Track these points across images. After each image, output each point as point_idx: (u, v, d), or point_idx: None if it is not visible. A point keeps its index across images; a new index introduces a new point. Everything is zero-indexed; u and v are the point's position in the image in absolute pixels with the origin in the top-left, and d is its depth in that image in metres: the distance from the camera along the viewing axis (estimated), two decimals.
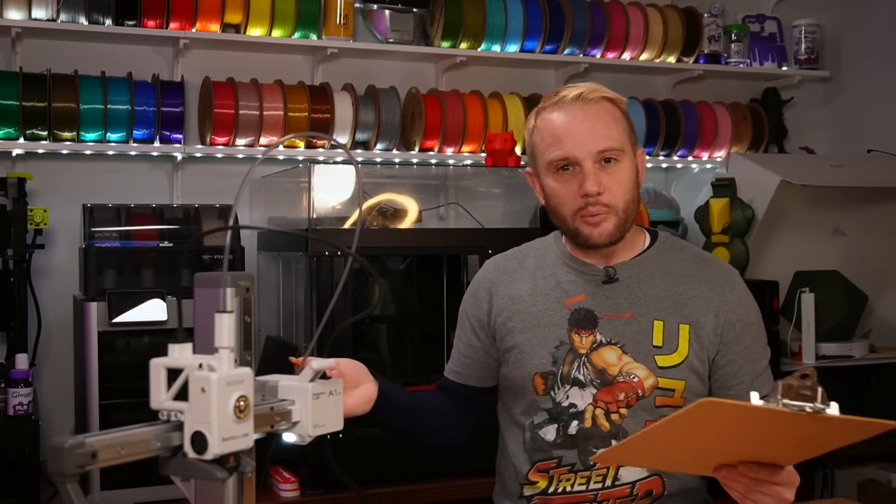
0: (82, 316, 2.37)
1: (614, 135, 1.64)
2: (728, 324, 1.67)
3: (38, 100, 2.65)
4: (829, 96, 3.85)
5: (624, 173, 1.65)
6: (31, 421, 2.32)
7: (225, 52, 3.01)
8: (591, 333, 1.67)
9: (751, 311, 1.71)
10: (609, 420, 1.64)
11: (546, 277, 1.74)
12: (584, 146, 1.62)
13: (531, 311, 1.71)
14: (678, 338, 1.65)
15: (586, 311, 1.68)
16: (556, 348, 1.68)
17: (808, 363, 3.05)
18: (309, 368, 1.14)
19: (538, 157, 1.69)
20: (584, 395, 1.65)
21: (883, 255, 3.39)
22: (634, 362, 1.64)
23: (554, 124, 1.65)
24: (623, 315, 1.67)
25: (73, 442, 0.91)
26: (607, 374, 1.65)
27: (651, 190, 3.33)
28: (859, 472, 3.18)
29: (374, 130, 3.03)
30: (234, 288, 1.09)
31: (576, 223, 1.65)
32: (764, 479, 1.38)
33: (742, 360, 1.68)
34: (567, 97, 1.65)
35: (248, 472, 1.05)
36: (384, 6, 3.09)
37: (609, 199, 1.63)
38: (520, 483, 1.72)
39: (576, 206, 1.64)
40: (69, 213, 2.74)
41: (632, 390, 1.63)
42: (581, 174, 1.62)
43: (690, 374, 1.65)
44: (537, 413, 1.70)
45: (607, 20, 3.30)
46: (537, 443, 1.69)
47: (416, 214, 2.80)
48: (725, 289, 1.69)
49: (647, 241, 1.75)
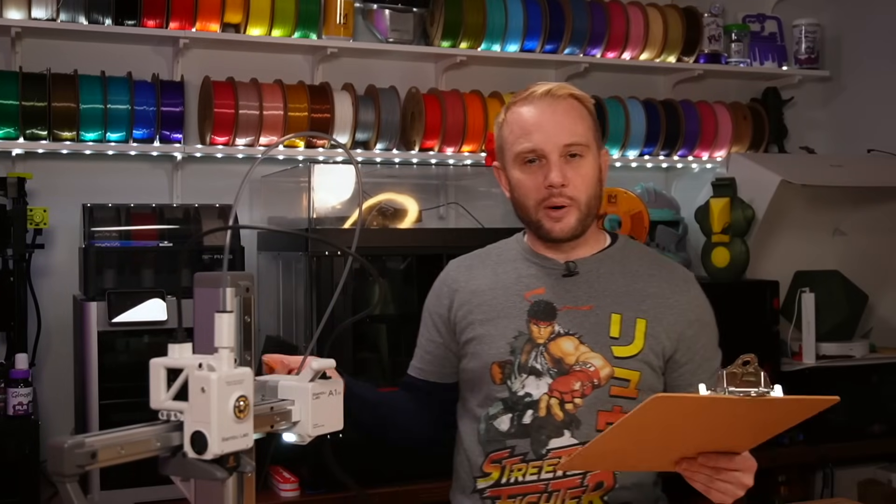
0: (82, 316, 2.37)
1: (580, 130, 1.70)
2: (687, 323, 1.73)
3: (38, 99, 2.65)
4: (829, 96, 3.85)
5: (588, 168, 1.71)
6: (31, 421, 2.32)
7: (225, 52, 3.01)
8: (549, 324, 1.71)
9: (707, 312, 1.78)
10: (563, 409, 1.68)
11: (507, 272, 1.79)
12: (551, 139, 1.68)
13: (491, 304, 1.76)
14: (635, 331, 1.70)
15: (545, 303, 1.73)
16: (515, 338, 1.72)
17: (808, 363, 3.05)
18: (309, 368, 1.14)
19: (506, 150, 1.75)
20: (540, 384, 1.69)
21: (883, 255, 3.39)
22: (591, 352, 1.69)
23: (523, 118, 1.72)
24: (581, 307, 1.72)
25: (72, 442, 0.91)
26: (564, 364, 1.69)
27: (651, 190, 3.33)
28: (859, 472, 3.18)
29: (374, 130, 3.02)
30: (233, 288, 1.09)
31: (538, 215, 1.71)
32: (723, 466, 1.45)
33: (700, 358, 1.74)
34: (536, 93, 1.72)
35: (248, 472, 1.05)
36: (384, 6, 3.08)
37: (572, 192, 1.69)
38: (474, 476, 1.75)
39: (540, 196, 1.70)
40: (69, 212, 2.74)
41: (588, 379, 1.67)
42: (547, 166, 1.69)
43: (645, 366, 1.69)
44: (493, 404, 1.72)
45: (607, 20, 3.30)
46: (491, 433, 1.72)
47: (416, 214, 2.80)
48: (683, 289, 1.76)
49: (608, 242, 1.82)
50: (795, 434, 3.03)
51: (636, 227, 2.98)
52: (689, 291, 1.77)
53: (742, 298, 3.02)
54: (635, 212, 2.99)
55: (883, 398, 3.14)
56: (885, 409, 3.14)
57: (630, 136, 3.33)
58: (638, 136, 3.35)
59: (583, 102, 1.74)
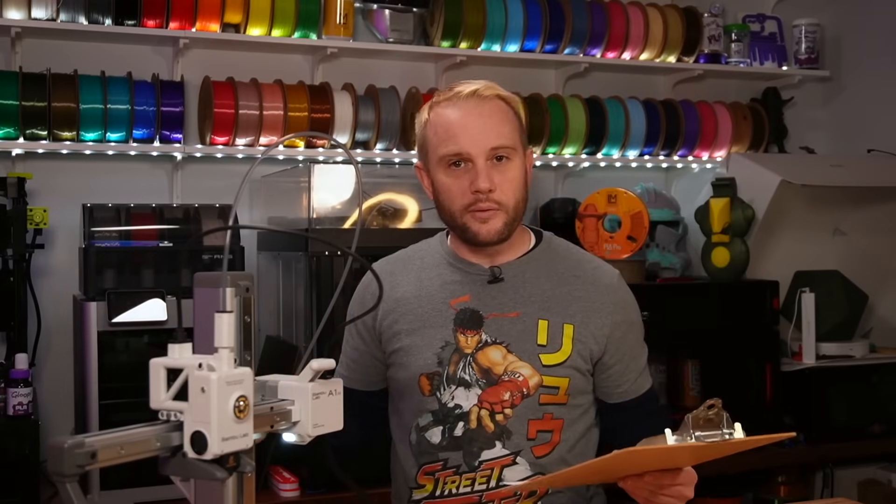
0: (82, 316, 2.37)
1: (507, 132, 1.65)
2: (614, 325, 1.71)
3: (38, 99, 2.65)
4: (829, 96, 3.85)
5: (515, 171, 1.67)
6: (31, 421, 2.32)
7: (225, 52, 3.01)
8: (476, 333, 1.68)
9: (633, 310, 1.77)
10: (494, 421, 1.65)
11: (431, 278, 1.74)
12: (477, 142, 1.63)
13: (417, 313, 1.71)
14: (562, 337, 1.68)
15: (472, 311, 1.69)
16: (442, 349, 1.68)
17: (808, 363, 3.05)
18: (308, 368, 1.14)
19: (430, 152, 1.69)
20: (470, 395, 1.66)
21: (883, 255, 3.39)
22: (519, 361, 1.66)
23: (448, 119, 1.65)
24: (508, 315, 1.68)
25: (72, 442, 0.90)
26: (493, 374, 1.66)
27: (651, 190, 3.33)
28: (859, 472, 3.18)
29: (374, 130, 3.02)
30: (233, 288, 1.09)
31: (464, 219, 1.66)
32: (667, 483, 1.47)
33: (628, 358, 1.73)
34: (462, 93, 1.66)
35: (248, 472, 1.05)
36: (384, 6, 3.08)
37: (500, 197, 1.64)
38: (409, 487, 1.72)
39: (466, 201, 1.65)
40: (69, 212, 2.74)
41: (517, 389, 1.65)
42: (473, 170, 1.63)
43: (574, 371, 1.67)
44: (423, 415, 1.70)
45: (607, 20, 3.30)
46: (423, 445, 1.70)
47: (416, 214, 2.80)
48: (609, 291, 1.73)
49: (532, 241, 1.77)
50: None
51: (636, 227, 2.98)
52: (616, 292, 1.74)
53: (742, 298, 3.02)
54: (635, 212, 2.99)
55: (883, 398, 3.14)
56: (885, 409, 3.14)
57: (630, 136, 3.34)
58: (638, 136, 3.35)
59: (509, 103, 1.69)
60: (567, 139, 3.25)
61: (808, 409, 3.06)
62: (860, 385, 3.13)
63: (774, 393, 2.97)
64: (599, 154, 3.35)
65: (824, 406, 3.07)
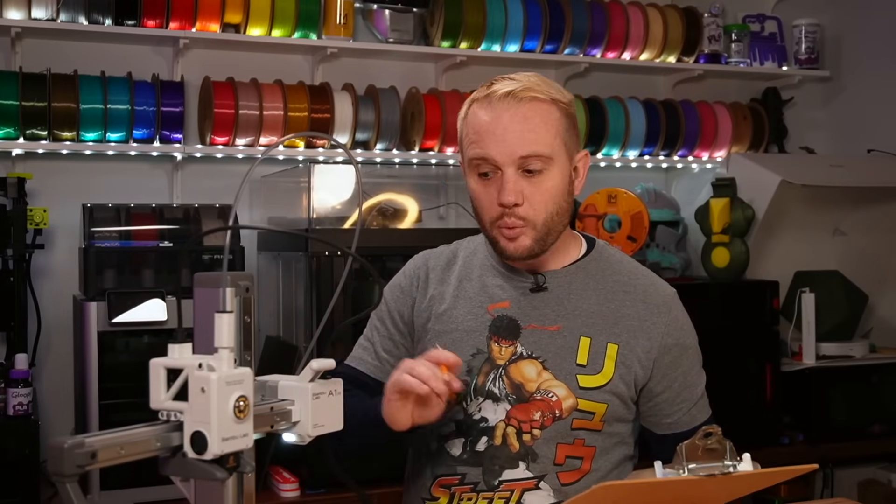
0: (82, 316, 2.37)
1: (542, 140, 1.50)
2: (664, 348, 1.57)
3: (38, 100, 2.65)
4: (829, 96, 3.85)
5: (550, 183, 1.51)
6: (31, 421, 2.32)
7: (225, 52, 3.01)
8: (511, 344, 1.56)
9: (688, 334, 1.62)
10: (520, 440, 1.54)
11: (472, 280, 1.63)
12: (504, 150, 1.49)
13: (452, 315, 1.61)
14: (604, 357, 1.55)
15: (509, 318, 1.57)
16: (473, 356, 1.57)
17: (808, 363, 3.05)
18: (308, 368, 1.14)
19: (463, 152, 1.57)
20: (498, 410, 1.55)
21: (883, 255, 3.39)
22: (554, 380, 1.54)
23: (479, 121, 1.52)
24: (548, 328, 1.56)
25: (72, 442, 0.90)
26: (524, 390, 1.54)
27: (651, 190, 3.33)
28: (859, 472, 3.18)
29: (374, 130, 3.02)
30: (233, 288, 1.09)
31: (493, 232, 1.54)
32: None
33: (679, 386, 1.59)
34: (497, 93, 1.51)
35: (248, 472, 1.05)
36: (384, 6, 3.08)
37: (526, 213, 1.50)
38: (421, 497, 1.62)
39: (494, 214, 1.52)
40: (69, 213, 2.74)
41: (549, 409, 1.53)
42: (500, 180, 1.50)
43: (613, 397, 1.55)
44: (445, 424, 1.58)
45: (607, 20, 3.30)
46: (442, 456, 1.59)
47: (416, 214, 2.80)
48: (662, 311, 1.59)
49: (583, 250, 1.64)
50: (795, 434, 3.03)
51: (636, 227, 2.98)
52: (670, 312, 1.59)
53: (742, 298, 3.02)
54: (635, 212, 2.99)
55: (883, 398, 3.14)
56: (885, 410, 3.14)
57: (630, 136, 3.34)
58: (638, 137, 3.35)
59: (554, 102, 1.53)
60: None
61: (808, 410, 3.06)
62: (860, 385, 3.13)
63: (774, 393, 2.97)
64: (599, 154, 3.35)
65: (824, 406, 3.07)
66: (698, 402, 1.62)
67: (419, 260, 1.70)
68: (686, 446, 1.23)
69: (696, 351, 1.64)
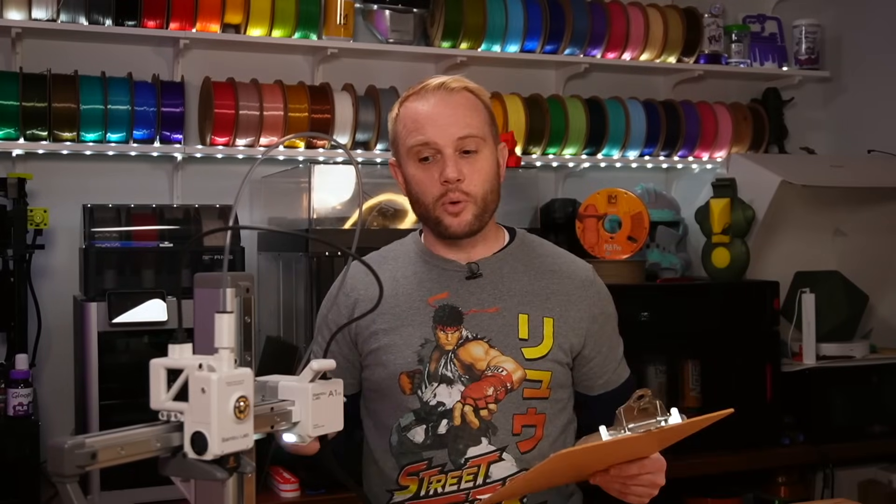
0: (82, 316, 2.37)
1: (474, 123, 1.67)
2: (592, 317, 1.73)
3: (38, 100, 2.65)
4: (829, 96, 3.85)
5: (484, 163, 1.67)
6: (31, 421, 2.32)
7: (225, 52, 3.01)
8: (456, 329, 1.67)
9: (609, 303, 1.79)
10: (478, 416, 1.65)
11: (407, 277, 1.74)
12: (444, 132, 1.64)
13: (394, 312, 1.70)
14: (543, 330, 1.69)
15: (450, 307, 1.69)
16: (422, 346, 1.67)
17: (808, 364, 3.05)
18: (309, 369, 1.14)
19: (400, 145, 1.70)
20: (452, 392, 1.66)
21: (883, 255, 3.39)
22: (502, 356, 1.66)
23: (416, 111, 1.67)
24: (488, 310, 1.68)
25: (72, 442, 0.90)
26: (475, 369, 1.66)
27: (651, 190, 3.33)
28: (860, 473, 3.18)
29: (375, 130, 3.02)
30: (234, 288, 1.09)
31: (437, 211, 1.67)
32: (634, 473, 1.49)
33: (607, 349, 1.76)
34: (430, 86, 1.68)
35: (248, 472, 1.05)
36: (384, 6, 3.08)
37: (468, 187, 1.65)
38: (388, 490, 1.70)
39: (437, 192, 1.65)
40: (69, 213, 2.74)
41: (500, 384, 1.65)
42: (441, 161, 1.64)
43: (555, 365, 1.69)
44: (404, 414, 1.68)
45: (608, 20, 3.30)
46: (405, 445, 1.68)
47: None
48: (586, 284, 1.76)
49: (507, 238, 1.78)
50: (796, 434, 3.03)
51: (636, 227, 2.98)
52: (593, 285, 1.76)
53: (742, 299, 3.02)
54: (635, 212, 2.99)
55: (883, 399, 3.14)
56: (885, 410, 3.13)
57: (630, 136, 3.34)
58: (638, 137, 3.35)
59: (478, 95, 1.71)
60: (567, 140, 3.25)
61: (808, 410, 3.06)
62: (861, 386, 3.12)
63: (775, 393, 2.96)
64: (600, 154, 3.35)
65: (825, 407, 3.07)
66: (621, 361, 1.81)
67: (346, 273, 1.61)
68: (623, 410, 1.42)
69: (615, 316, 1.81)
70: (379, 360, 1.70)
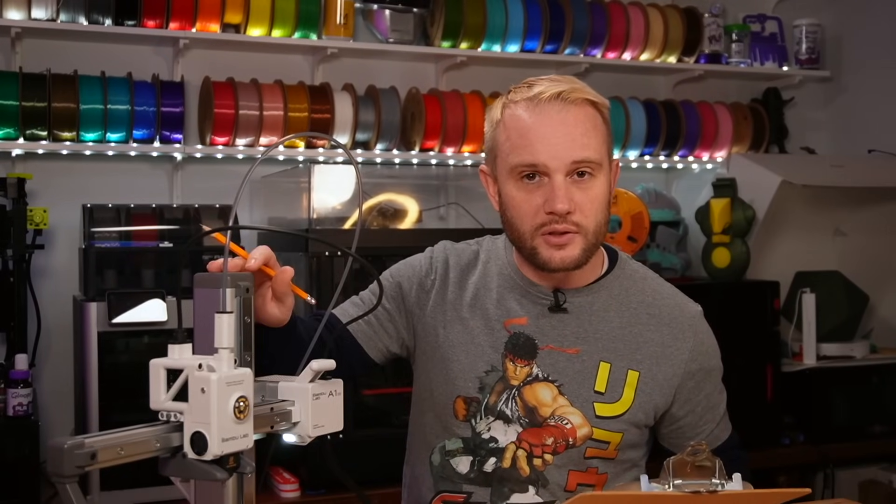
0: (82, 316, 2.37)
1: (593, 144, 1.42)
2: (687, 374, 1.51)
3: (38, 100, 2.65)
4: (829, 96, 3.85)
5: (599, 189, 1.44)
6: (31, 421, 2.32)
7: (225, 52, 3.01)
8: (527, 364, 1.49)
9: (713, 356, 1.55)
10: (531, 464, 1.48)
11: (490, 289, 1.54)
12: (557, 155, 1.40)
13: (467, 325, 1.52)
14: (624, 385, 1.48)
15: (526, 337, 1.50)
16: (486, 373, 1.50)
17: (808, 364, 3.05)
18: (309, 369, 1.14)
19: (500, 158, 1.47)
20: (509, 431, 1.49)
21: (883, 255, 3.39)
22: (570, 406, 1.47)
23: (525, 124, 1.43)
24: (567, 350, 1.49)
25: (72, 443, 0.90)
26: (537, 415, 1.48)
27: (651, 190, 3.33)
28: (860, 473, 3.18)
29: (374, 130, 3.02)
30: (233, 288, 1.09)
31: (535, 241, 1.44)
32: None
33: (702, 409, 1.54)
34: (544, 95, 1.42)
35: (248, 472, 1.04)
36: (384, 6, 3.08)
37: (579, 219, 1.42)
38: None
39: (538, 221, 1.43)
40: (69, 213, 2.73)
41: (562, 436, 1.47)
42: (549, 186, 1.41)
43: (630, 426, 1.49)
44: (452, 438, 1.53)
45: (608, 20, 3.30)
46: (447, 471, 1.53)
47: (416, 214, 2.80)
48: (687, 335, 1.52)
49: (605, 265, 1.56)
50: (796, 434, 3.03)
51: (636, 227, 2.98)
52: (695, 336, 1.52)
53: (742, 299, 3.02)
54: (636, 212, 2.99)
55: (884, 399, 3.14)
56: (885, 410, 3.14)
57: (630, 136, 3.33)
58: (638, 137, 3.35)
59: (598, 109, 1.45)
60: None
61: (808, 410, 3.06)
62: (861, 386, 3.13)
63: (775, 394, 2.96)
64: None
65: (825, 407, 3.07)
66: (721, 421, 1.58)
67: (441, 253, 1.60)
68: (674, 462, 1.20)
69: (720, 371, 1.57)
70: (438, 375, 1.53)
